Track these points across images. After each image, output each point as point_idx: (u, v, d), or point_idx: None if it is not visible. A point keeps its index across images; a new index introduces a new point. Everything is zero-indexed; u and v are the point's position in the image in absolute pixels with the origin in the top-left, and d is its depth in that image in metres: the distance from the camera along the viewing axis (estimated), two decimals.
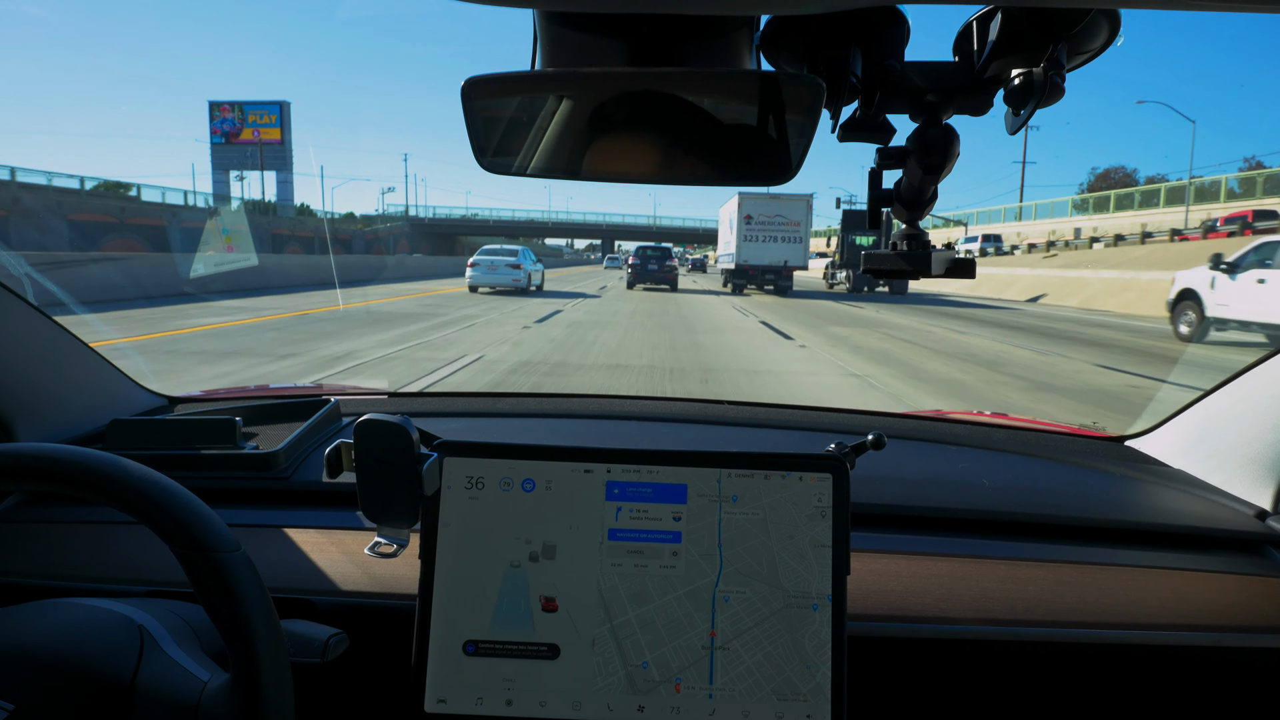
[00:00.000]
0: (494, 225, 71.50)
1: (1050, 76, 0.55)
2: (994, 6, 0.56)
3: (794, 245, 23.69)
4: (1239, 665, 0.90)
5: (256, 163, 51.76)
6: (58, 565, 0.95)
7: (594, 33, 0.62)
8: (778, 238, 23.66)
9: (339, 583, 0.91)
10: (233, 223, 29.85)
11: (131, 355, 7.29)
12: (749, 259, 23.59)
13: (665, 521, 0.77)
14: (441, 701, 0.74)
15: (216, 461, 1.07)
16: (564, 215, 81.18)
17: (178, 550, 0.60)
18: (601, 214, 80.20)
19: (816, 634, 0.74)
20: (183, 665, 0.65)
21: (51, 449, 0.62)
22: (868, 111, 0.62)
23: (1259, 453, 1.06)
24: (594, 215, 77.69)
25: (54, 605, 0.69)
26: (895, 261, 0.68)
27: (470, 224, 69.46)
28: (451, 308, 14.68)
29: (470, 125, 0.65)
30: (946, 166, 0.63)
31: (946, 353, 9.88)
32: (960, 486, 1.10)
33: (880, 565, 0.94)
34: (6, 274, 7.34)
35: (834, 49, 0.58)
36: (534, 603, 0.75)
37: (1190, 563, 0.97)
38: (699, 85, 0.65)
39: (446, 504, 0.77)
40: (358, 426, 0.72)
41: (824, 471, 0.77)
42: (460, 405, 1.45)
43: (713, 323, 13.56)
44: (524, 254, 20.10)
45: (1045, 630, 0.88)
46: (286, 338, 9.31)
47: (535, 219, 75.67)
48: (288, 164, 53.69)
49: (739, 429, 1.34)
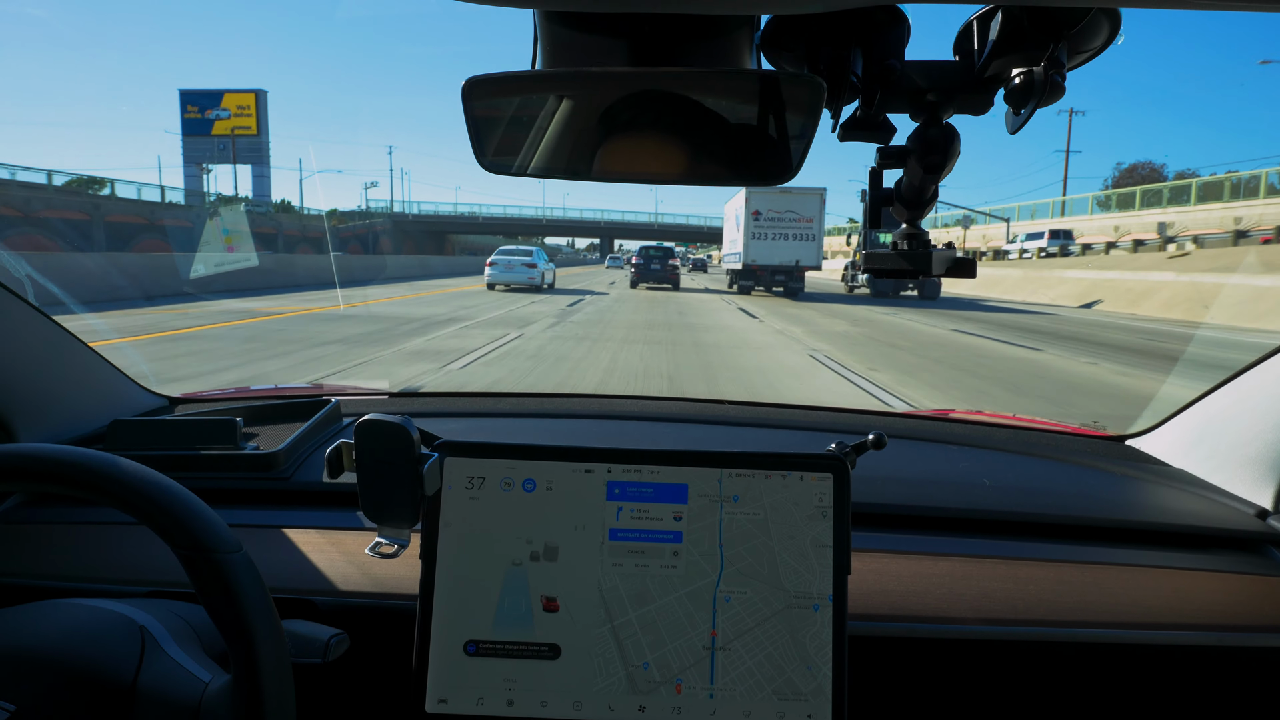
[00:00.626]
0: (484, 223, 68.33)
1: (1051, 76, 0.55)
2: (994, 6, 0.56)
3: (806, 243, 21.53)
4: (1240, 665, 0.90)
5: (230, 155, 47.79)
6: (59, 566, 0.95)
7: (594, 32, 0.62)
8: (789, 235, 21.49)
9: (340, 583, 0.91)
10: (233, 222, 28.80)
11: (127, 353, 7.29)
12: (757, 258, 21.61)
13: (666, 521, 0.77)
14: (442, 702, 0.74)
15: (217, 462, 1.07)
16: (560, 213, 77.32)
17: (179, 551, 0.60)
18: (600, 211, 76.71)
19: (818, 634, 0.74)
20: (184, 666, 0.65)
21: (52, 449, 0.62)
22: (868, 111, 0.62)
23: (1260, 452, 1.06)
24: (592, 212, 74.69)
25: (55, 606, 0.69)
26: (896, 261, 0.68)
27: (459, 222, 66.27)
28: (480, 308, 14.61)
29: (470, 125, 0.65)
30: (947, 166, 0.63)
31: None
32: (961, 486, 1.10)
33: (881, 565, 0.94)
34: (6, 274, 7.30)
35: (834, 48, 0.58)
36: (535, 603, 0.75)
37: (1191, 562, 0.97)
38: (699, 85, 0.65)
39: (447, 504, 0.77)
40: (358, 427, 0.72)
41: (825, 471, 0.77)
42: (461, 405, 1.45)
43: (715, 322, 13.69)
44: (538, 254, 22.01)
45: (1046, 630, 0.88)
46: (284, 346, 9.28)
47: (531, 216, 71.63)
48: (264, 157, 49.48)
49: (739, 429, 1.34)
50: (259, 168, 50.30)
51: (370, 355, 8.00)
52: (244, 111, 49.06)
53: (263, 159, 49.99)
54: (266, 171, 50.89)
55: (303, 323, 11.18)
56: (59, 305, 10.79)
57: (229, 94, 49.48)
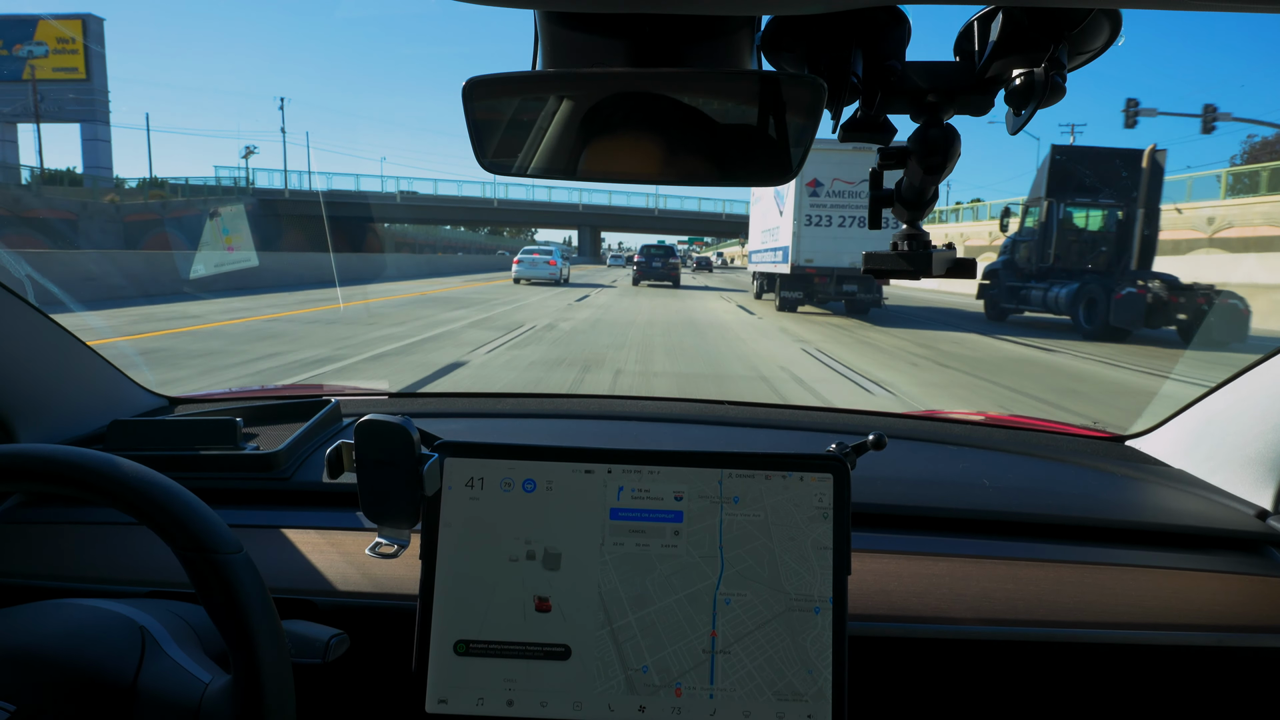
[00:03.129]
0: (415, 205, 47.89)
1: (1051, 76, 0.55)
2: (995, 6, 0.56)
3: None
4: (1239, 665, 0.90)
5: (56, 110, 31.39)
6: (58, 566, 0.95)
7: (595, 33, 0.62)
8: (862, 220, 12.78)
9: (340, 583, 0.91)
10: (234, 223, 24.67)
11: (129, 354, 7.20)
12: (815, 256, 13.55)
13: (665, 527, 0.76)
14: (442, 702, 0.74)
15: (217, 462, 1.07)
16: (524, 194, 54.33)
17: (179, 551, 0.60)
18: (577, 191, 55.33)
19: (819, 637, 0.74)
20: (184, 666, 0.65)
21: (52, 450, 0.62)
22: (868, 112, 0.62)
23: (1259, 452, 1.06)
24: (564, 193, 55.12)
25: (55, 606, 0.69)
26: (896, 262, 0.68)
27: (381, 205, 44.92)
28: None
29: (471, 126, 0.65)
30: (948, 166, 0.63)
31: None
32: (961, 486, 1.10)
33: (881, 565, 0.94)
34: (6, 274, 7.27)
35: (835, 49, 0.58)
36: (534, 603, 0.75)
37: (1191, 563, 0.97)
38: (700, 86, 0.66)
39: (447, 504, 0.77)
40: (358, 427, 0.72)
41: (825, 472, 0.77)
42: (461, 405, 1.45)
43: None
44: (556, 252, 26.46)
45: (1046, 630, 0.88)
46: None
47: (477, 197, 49.23)
48: (98, 112, 34.77)
49: (739, 429, 1.34)
50: (92, 127, 35.60)
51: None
52: (67, 47, 33.57)
53: (97, 114, 35.29)
54: (105, 133, 35.94)
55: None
56: (59, 305, 10.46)
57: (45, 21, 34.45)
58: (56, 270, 12.51)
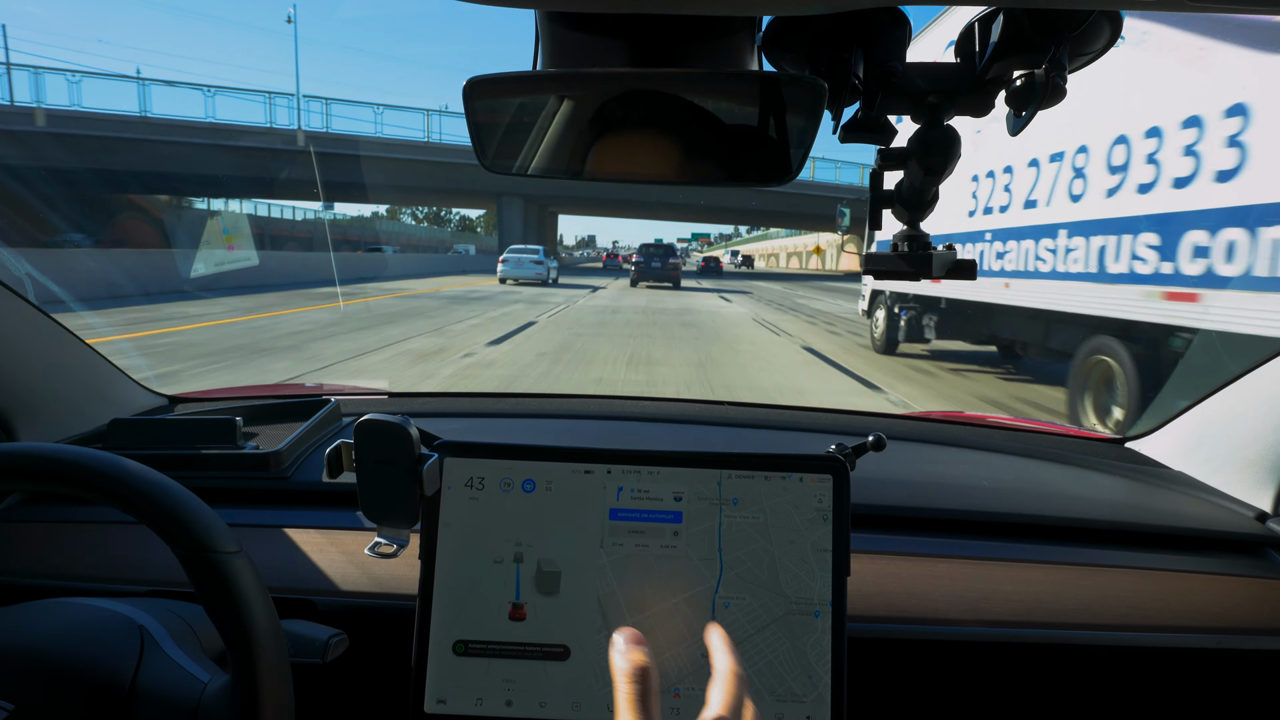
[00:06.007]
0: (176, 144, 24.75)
1: (1052, 78, 0.55)
2: (995, 8, 0.56)
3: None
4: (1239, 667, 0.90)
5: None
6: (58, 565, 0.95)
7: (596, 33, 0.62)
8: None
9: (339, 583, 0.91)
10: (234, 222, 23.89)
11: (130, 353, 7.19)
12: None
13: (665, 529, 0.76)
14: (441, 702, 0.74)
15: (217, 461, 1.07)
16: (416, 133, 32.95)
17: (178, 551, 0.60)
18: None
19: (819, 641, 0.74)
20: (183, 666, 0.65)
21: (52, 449, 0.62)
22: (869, 112, 0.62)
23: (1259, 455, 1.06)
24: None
25: (54, 605, 0.69)
26: (896, 263, 0.68)
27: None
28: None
29: (472, 125, 0.65)
30: (948, 168, 0.63)
31: None
32: (961, 488, 1.10)
33: (881, 566, 0.94)
34: (7, 273, 7.32)
35: (835, 50, 0.58)
36: (533, 603, 0.75)
37: (1190, 564, 0.97)
38: (700, 86, 0.66)
39: (447, 504, 0.77)
40: (358, 427, 0.72)
41: (824, 473, 0.77)
42: (461, 405, 1.45)
43: None
44: (541, 253, 25.08)
45: (1046, 632, 0.88)
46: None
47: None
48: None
49: (739, 430, 1.34)
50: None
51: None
52: None
53: None
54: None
55: None
56: (59, 304, 10.50)
57: None
58: None
